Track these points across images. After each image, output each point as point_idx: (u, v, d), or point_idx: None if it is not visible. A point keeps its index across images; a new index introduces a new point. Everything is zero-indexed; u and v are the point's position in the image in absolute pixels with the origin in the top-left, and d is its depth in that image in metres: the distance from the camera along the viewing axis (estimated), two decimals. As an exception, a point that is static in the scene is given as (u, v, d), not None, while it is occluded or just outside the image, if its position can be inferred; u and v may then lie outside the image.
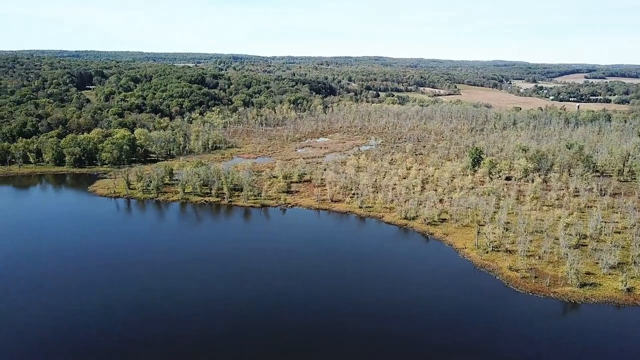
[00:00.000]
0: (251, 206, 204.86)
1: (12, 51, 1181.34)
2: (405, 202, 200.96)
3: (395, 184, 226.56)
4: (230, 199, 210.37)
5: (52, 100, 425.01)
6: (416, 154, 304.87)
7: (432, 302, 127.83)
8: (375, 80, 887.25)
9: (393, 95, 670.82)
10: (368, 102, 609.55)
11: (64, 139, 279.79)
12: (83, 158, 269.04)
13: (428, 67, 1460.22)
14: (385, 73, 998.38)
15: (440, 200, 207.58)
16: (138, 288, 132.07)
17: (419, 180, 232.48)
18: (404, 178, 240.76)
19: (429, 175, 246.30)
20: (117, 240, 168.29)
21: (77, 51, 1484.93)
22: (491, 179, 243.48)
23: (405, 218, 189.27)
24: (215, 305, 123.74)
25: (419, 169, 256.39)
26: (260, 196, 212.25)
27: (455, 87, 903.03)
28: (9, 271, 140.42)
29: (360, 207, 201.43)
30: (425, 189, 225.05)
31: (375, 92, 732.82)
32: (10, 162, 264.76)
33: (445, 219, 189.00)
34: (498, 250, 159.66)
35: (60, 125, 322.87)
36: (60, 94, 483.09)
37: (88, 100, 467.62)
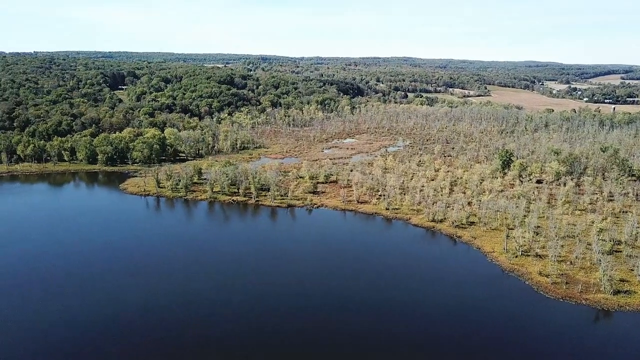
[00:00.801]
0: (278, 206, 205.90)
1: (49, 52, 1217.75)
2: (433, 204, 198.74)
3: (423, 186, 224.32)
4: (257, 199, 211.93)
5: (86, 100, 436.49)
6: (445, 156, 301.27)
7: (460, 305, 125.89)
8: (404, 81, 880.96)
9: (422, 96, 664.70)
10: (396, 103, 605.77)
11: (96, 138, 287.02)
12: (115, 157, 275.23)
13: (457, 68, 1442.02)
14: (414, 74, 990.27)
15: (469, 203, 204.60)
16: (163, 287, 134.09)
17: (447, 183, 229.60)
18: (432, 180, 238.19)
19: (458, 178, 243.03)
20: (145, 238, 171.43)
21: (110, 52, 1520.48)
22: (521, 182, 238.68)
23: (433, 220, 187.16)
24: (240, 305, 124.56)
25: (448, 171, 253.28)
26: (287, 196, 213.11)
27: (486, 88, 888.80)
28: (42, 266, 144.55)
29: (387, 209, 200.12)
30: (453, 191, 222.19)
31: (403, 93, 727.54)
32: (46, 160, 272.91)
33: (474, 222, 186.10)
34: (528, 255, 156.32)
35: (93, 125, 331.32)
36: (93, 93, 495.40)
37: (120, 100, 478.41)
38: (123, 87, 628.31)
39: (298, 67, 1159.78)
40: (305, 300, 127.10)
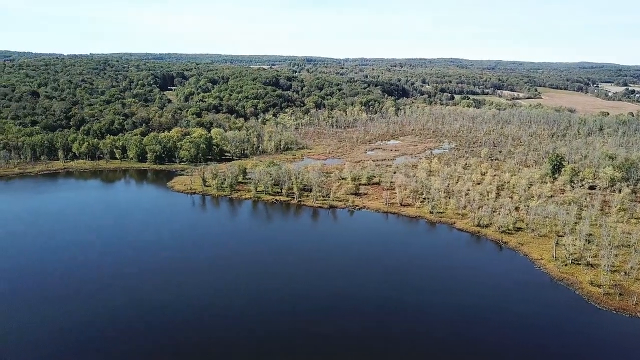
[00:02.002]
0: (319, 207, 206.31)
1: (103, 54, 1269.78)
2: (478, 208, 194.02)
3: (468, 190, 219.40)
4: (299, 199, 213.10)
5: (137, 100, 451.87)
6: (491, 159, 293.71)
7: (505, 313, 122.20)
8: (450, 82, 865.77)
9: (468, 98, 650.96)
10: (442, 104, 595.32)
11: (146, 137, 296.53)
12: (163, 155, 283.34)
13: (507, 69, 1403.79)
14: (460, 75, 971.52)
15: (516, 208, 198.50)
16: (198, 285, 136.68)
17: (493, 187, 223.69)
18: (478, 184, 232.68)
19: (505, 182, 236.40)
20: (190, 236, 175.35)
21: (160, 54, 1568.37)
22: (573, 187, 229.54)
23: (478, 225, 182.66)
24: (276, 305, 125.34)
25: (494, 175, 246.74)
26: (329, 197, 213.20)
27: (536, 91, 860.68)
28: (91, 260, 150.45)
29: (431, 212, 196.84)
30: (500, 195, 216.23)
31: (449, 95, 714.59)
32: (99, 157, 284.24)
33: (521, 228, 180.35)
34: (578, 264, 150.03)
35: (143, 124, 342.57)
36: (144, 94, 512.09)
37: (169, 101, 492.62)
38: (172, 87, 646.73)
39: (342, 68, 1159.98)
40: (346, 302, 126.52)
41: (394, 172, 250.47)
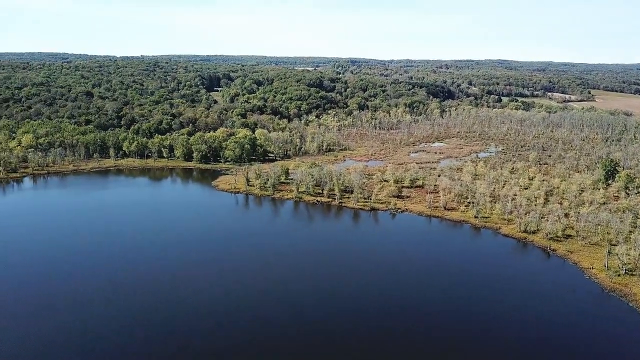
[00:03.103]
0: (360, 208, 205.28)
1: (154, 56, 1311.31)
2: (525, 214, 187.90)
3: (515, 195, 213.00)
4: (340, 200, 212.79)
5: (184, 101, 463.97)
6: (540, 164, 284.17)
7: (553, 323, 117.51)
8: (498, 84, 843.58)
9: (517, 101, 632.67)
10: (489, 107, 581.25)
11: (193, 136, 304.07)
12: (208, 155, 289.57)
13: (558, 71, 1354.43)
14: (509, 77, 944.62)
15: (566, 215, 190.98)
16: (233, 284, 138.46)
17: (542, 192, 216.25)
18: (526, 189, 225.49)
19: (554, 187, 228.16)
20: (233, 234, 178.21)
21: (207, 55, 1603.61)
22: (628, 194, 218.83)
23: (525, 231, 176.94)
24: (315, 307, 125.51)
25: (543, 180, 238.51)
26: (370, 199, 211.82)
27: (589, 93, 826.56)
28: (139, 255, 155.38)
29: (476, 217, 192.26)
30: (549, 201, 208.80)
31: (497, 97, 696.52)
32: (147, 156, 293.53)
33: (571, 235, 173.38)
34: (633, 274, 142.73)
35: (190, 124, 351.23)
36: (191, 95, 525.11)
37: (215, 101, 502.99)
38: (218, 88, 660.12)
39: (387, 69, 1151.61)
40: (389, 305, 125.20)
41: (438, 175, 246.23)
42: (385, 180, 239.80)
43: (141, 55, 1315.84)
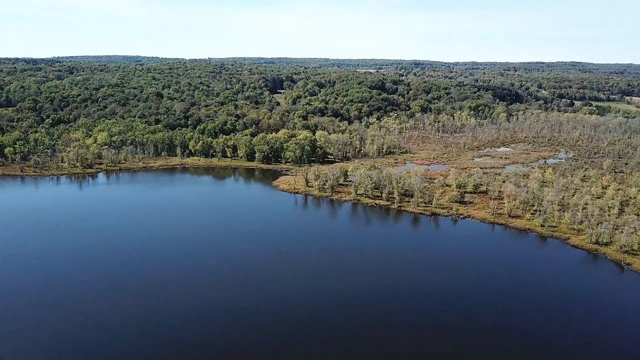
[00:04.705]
0: (420, 213, 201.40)
1: (220, 59, 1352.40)
2: (597, 224, 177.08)
3: (586, 204, 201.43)
4: (400, 204, 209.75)
5: (248, 102, 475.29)
6: (615, 172, 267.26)
7: (630, 346, 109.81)
8: (570, 87, 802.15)
9: (591, 105, 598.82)
10: (560, 111, 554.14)
11: (255, 137, 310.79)
12: (270, 155, 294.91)
13: (638, 73, 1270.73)
14: (582, 80, 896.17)
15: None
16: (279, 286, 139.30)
17: (616, 202, 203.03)
18: (598, 198, 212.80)
19: (630, 197, 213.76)
20: (289, 234, 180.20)
21: (272, 58, 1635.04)
22: None
23: (596, 243, 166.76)
24: (371, 314, 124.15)
25: (618, 189, 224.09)
26: (431, 204, 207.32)
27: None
28: (199, 251, 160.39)
29: (542, 226, 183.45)
30: (624, 212, 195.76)
31: (569, 101, 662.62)
32: (211, 155, 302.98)
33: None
34: None
35: (253, 125, 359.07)
36: (255, 97, 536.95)
37: (278, 103, 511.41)
38: (281, 91, 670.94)
39: (452, 72, 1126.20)
40: (439, 319, 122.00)
41: (503, 181, 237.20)
42: (447, 185, 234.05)
43: (208, 58, 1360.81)
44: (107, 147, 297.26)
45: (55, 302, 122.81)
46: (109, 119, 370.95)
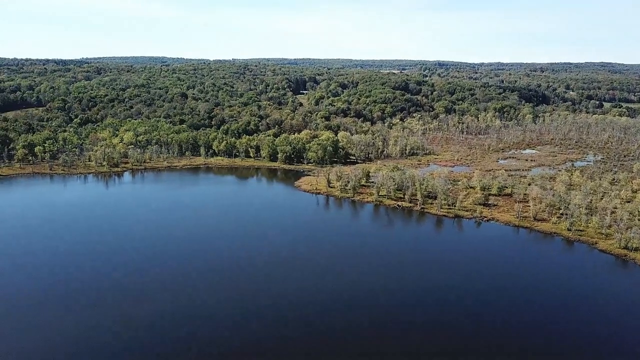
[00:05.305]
0: (444, 215, 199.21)
1: (244, 59, 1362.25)
2: (627, 229, 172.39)
3: (615, 208, 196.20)
4: (423, 206, 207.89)
5: (271, 103, 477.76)
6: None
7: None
8: (599, 88, 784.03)
9: (621, 106, 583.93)
10: (588, 112, 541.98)
11: (278, 138, 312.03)
12: (292, 156, 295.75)
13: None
14: (612, 81, 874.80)
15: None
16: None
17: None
18: (628, 202, 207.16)
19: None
20: (310, 235, 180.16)
21: (295, 59, 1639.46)
22: None
23: (626, 248, 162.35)
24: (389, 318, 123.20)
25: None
26: (455, 206, 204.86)
27: None
28: (220, 250, 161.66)
29: (569, 230, 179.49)
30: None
31: (597, 102, 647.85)
32: (235, 155, 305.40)
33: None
34: None
35: (276, 126, 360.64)
36: (278, 97, 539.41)
37: (301, 104, 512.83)
38: (304, 91, 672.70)
39: (477, 73, 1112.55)
40: (462, 323, 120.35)
41: (529, 184, 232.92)
42: (471, 187, 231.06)
43: (232, 59, 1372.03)
44: (132, 146, 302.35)
45: (82, 298, 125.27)
46: (135, 119, 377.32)
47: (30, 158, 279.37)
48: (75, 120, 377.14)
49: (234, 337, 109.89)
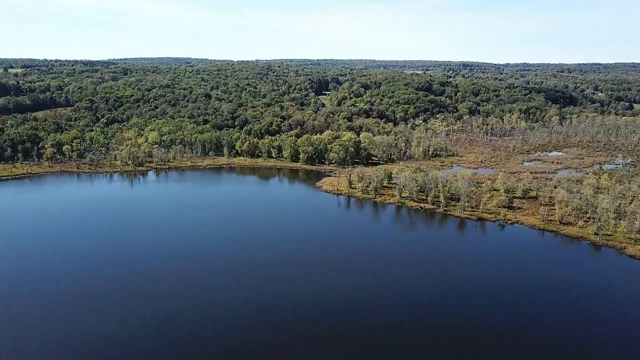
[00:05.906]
0: (467, 217, 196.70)
1: (267, 60, 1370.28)
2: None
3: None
4: (445, 208, 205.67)
5: (294, 104, 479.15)
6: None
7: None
8: (630, 89, 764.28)
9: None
10: (617, 114, 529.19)
11: (300, 138, 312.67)
12: (314, 156, 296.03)
13: None
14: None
15: None
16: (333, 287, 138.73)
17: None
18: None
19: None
20: (331, 235, 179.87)
21: (318, 60, 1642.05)
22: None
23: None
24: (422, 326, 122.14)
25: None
26: (478, 208, 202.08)
27: None
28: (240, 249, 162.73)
29: (596, 234, 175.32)
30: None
31: (627, 104, 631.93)
32: (257, 155, 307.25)
33: None
34: None
35: (298, 126, 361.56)
36: (301, 98, 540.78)
37: (323, 105, 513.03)
38: (326, 92, 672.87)
39: (502, 74, 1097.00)
40: (487, 328, 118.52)
41: (555, 187, 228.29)
42: (495, 190, 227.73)
43: (255, 60, 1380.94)
44: (157, 146, 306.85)
45: (108, 292, 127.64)
46: (160, 119, 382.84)
47: (58, 157, 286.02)
48: (102, 120, 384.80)
49: (257, 335, 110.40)
